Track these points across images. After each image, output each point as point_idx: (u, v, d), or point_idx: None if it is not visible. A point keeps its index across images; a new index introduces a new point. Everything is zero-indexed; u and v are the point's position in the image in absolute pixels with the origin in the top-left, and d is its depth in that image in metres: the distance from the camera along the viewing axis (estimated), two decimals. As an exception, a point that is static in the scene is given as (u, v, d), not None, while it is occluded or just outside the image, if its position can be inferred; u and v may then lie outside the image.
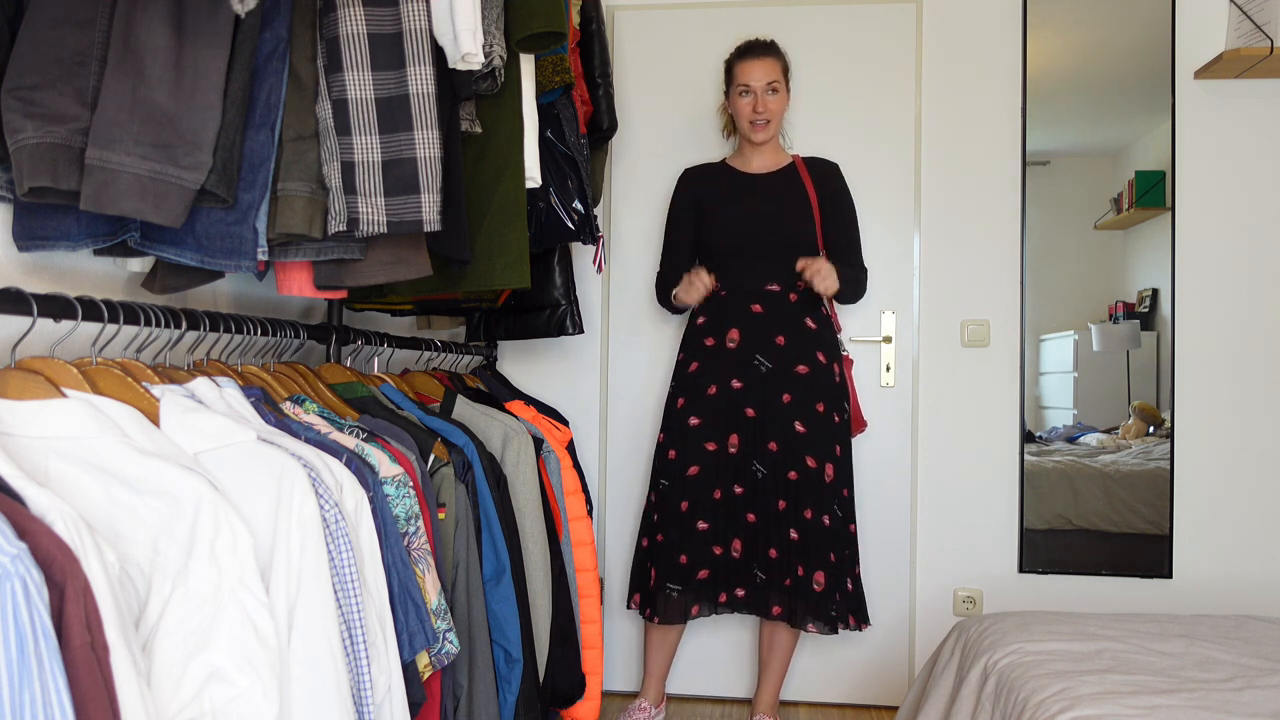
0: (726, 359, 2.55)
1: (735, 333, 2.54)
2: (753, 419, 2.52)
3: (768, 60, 2.58)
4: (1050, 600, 2.87)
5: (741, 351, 2.54)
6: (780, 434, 2.50)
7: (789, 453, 2.50)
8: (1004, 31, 2.93)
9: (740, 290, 2.57)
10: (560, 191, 2.25)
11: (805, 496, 2.49)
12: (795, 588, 2.48)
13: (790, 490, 2.50)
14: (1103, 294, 2.93)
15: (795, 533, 2.48)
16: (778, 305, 2.56)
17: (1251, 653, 1.81)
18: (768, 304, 2.56)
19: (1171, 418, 2.85)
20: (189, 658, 1.01)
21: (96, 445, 1.05)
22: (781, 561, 2.50)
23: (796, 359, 2.53)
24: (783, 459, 2.50)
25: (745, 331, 2.54)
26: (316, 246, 1.49)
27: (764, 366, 2.52)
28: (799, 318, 2.56)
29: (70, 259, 1.51)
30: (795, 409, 2.51)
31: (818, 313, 2.59)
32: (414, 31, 1.47)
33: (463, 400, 2.06)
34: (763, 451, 2.51)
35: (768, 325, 2.54)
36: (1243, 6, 2.75)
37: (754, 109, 2.57)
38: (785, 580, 2.49)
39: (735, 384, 2.53)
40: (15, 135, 1.17)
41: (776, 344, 2.53)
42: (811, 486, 2.49)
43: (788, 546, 2.49)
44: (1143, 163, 2.89)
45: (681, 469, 2.53)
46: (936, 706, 2.00)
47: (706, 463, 2.53)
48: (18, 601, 0.77)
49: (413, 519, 1.47)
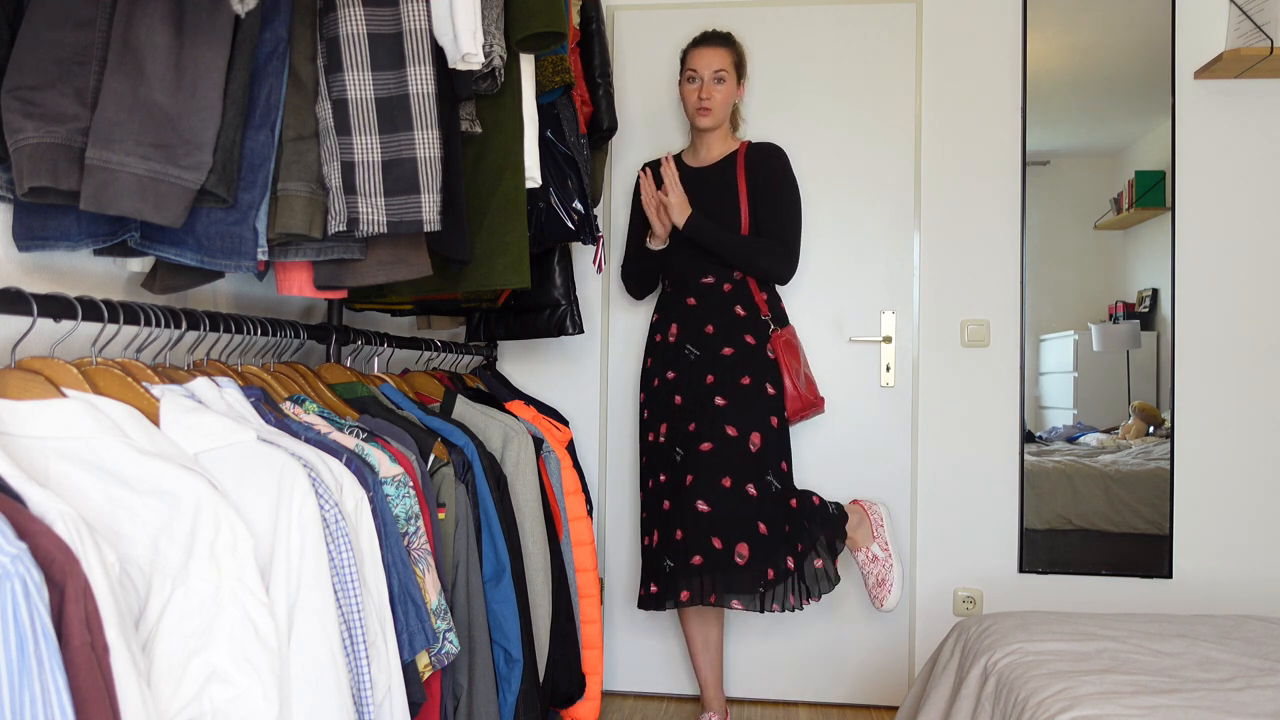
0: (667, 352, 2.61)
1: (675, 327, 2.60)
2: (679, 405, 2.55)
3: (719, 50, 2.59)
4: (1050, 600, 2.87)
5: (677, 344, 2.59)
6: (699, 413, 2.50)
7: (705, 427, 2.47)
8: (1004, 31, 2.93)
9: (681, 284, 2.63)
10: (560, 191, 2.25)
11: (722, 466, 2.44)
12: (711, 562, 2.39)
13: (701, 462, 2.44)
14: (1103, 294, 2.93)
15: (704, 504, 2.41)
16: (711, 296, 2.59)
17: (1251, 653, 1.81)
18: (701, 295, 2.59)
19: (1171, 418, 2.85)
20: (189, 658, 1.01)
21: (96, 445, 1.05)
22: (689, 540, 2.41)
23: (723, 343, 2.55)
24: (697, 435, 2.47)
25: (681, 324, 2.59)
26: (316, 246, 1.49)
27: (692, 355, 2.56)
28: (729, 306, 2.58)
29: (70, 259, 1.51)
30: (717, 386, 2.51)
31: (748, 299, 2.59)
32: (414, 31, 1.47)
33: (463, 400, 2.06)
34: (684, 435, 2.51)
35: (700, 315, 2.58)
36: (1243, 6, 2.75)
37: (699, 95, 2.58)
38: (694, 558, 2.40)
39: (669, 375, 2.59)
40: (15, 135, 1.17)
41: (706, 333, 2.56)
42: (731, 455, 2.44)
43: (695, 520, 2.41)
44: (1143, 163, 2.89)
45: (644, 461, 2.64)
46: (936, 706, 2.00)
47: (648, 454, 2.61)
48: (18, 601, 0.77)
49: (413, 519, 1.47)
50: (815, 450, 2.93)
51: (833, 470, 2.94)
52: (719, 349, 2.54)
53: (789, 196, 2.65)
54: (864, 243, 2.97)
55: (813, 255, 2.90)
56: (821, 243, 2.95)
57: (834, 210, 2.96)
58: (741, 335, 2.56)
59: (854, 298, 2.96)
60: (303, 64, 1.44)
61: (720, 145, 2.69)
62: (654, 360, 2.66)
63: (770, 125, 2.97)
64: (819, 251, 2.94)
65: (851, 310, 2.96)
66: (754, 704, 2.94)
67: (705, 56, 2.58)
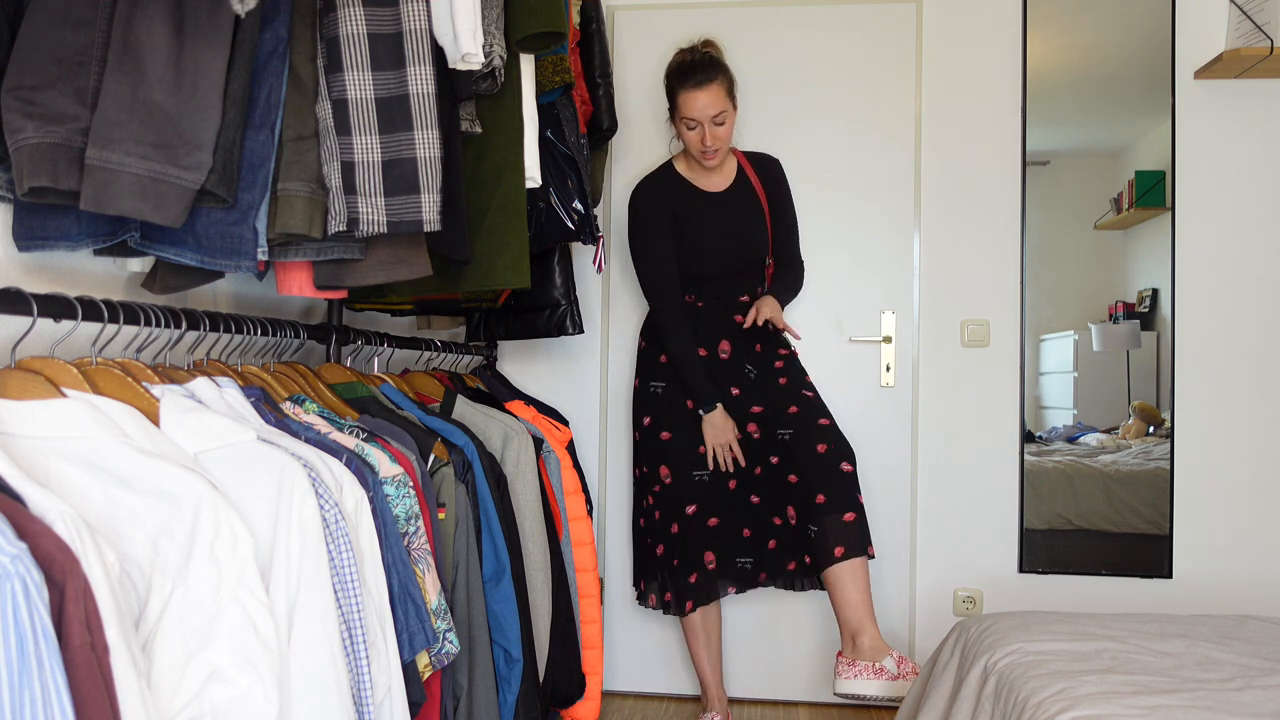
0: (721, 368, 2.60)
1: (727, 344, 2.61)
2: (760, 414, 2.59)
3: (710, 88, 2.44)
4: (1050, 600, 2.87)
5: (732, 362, 2.61)
6: (796, 401, 2.56)
7: (811, 410, 2.54)
8: (1004, 31, 2.93)
9: (718, 304, 2.62)
10: (560, 191, 2.25)
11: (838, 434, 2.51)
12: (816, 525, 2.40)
13: (827, 435, 2.49)
14: (1103, 294, 2.93)
15: (848, 465, 2.46)
16: None
17: (1251, 653, 1.81)
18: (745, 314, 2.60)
19: (1171, 418, 2.85)
20: (189, 658, 1.01)
21: (96, 445, 1.05)
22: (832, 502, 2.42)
23: (772, 357, 2.64)
24: (808, 416, 2.53)
25: (734, 342, 2.62)
26: (316, 246, 1.49)
27: (752, 373, 2.62)
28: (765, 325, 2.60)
29: (70, 259, 1.51)
30: (796, 384, 2.60)
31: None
32: (414, 31, 1.47)
33: (463, 400, 2.06)
34: (767, 432, 2.58)
35: (749, 336, 2.62)
36: (1243, 6, 2.75)
37: (702, 141, 2.50)
38: (845, 515, 2.41)
39: (734, 391, 2.60)
40: (15, 135, 1.17)
41: (755, 351, 2.63)
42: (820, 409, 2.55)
43: (838, 481, 2.44)
44: (1143, 163, 2.89)
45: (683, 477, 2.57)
46: (936, 706, 2.00)
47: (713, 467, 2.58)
48: (18, 601, 0.77)
49: (413, 519, 1.47)
50: (815, 450, 2.93)
51: (833, 470, 2.94)
52: (771, 362, 2.64)
53: (794, 209, 2.74)
54: (864, 243, 2.97)
55: (813, 255, 2.90)
56: (822, 243, 2.95)
57: (834, 210, 2.96)
58: (777, 349, 2.65)
59: (854, 298, 2.96)
60: (303, 64, 1.44)
61: (727, 164, 2.67)
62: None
63: (770, 125, 2.97)
64: (819, 252, 2.94)
65: (851, 310, 2.95)
66: (754, 704, 2.94)
67: (699, 101, 2.44)
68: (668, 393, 2.60)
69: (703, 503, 2.56)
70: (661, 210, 2.60)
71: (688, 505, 2.55)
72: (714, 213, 2.62)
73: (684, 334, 2.56)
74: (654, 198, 2.62)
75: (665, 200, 2.61)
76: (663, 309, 2.59)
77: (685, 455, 2.57)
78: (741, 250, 2.62)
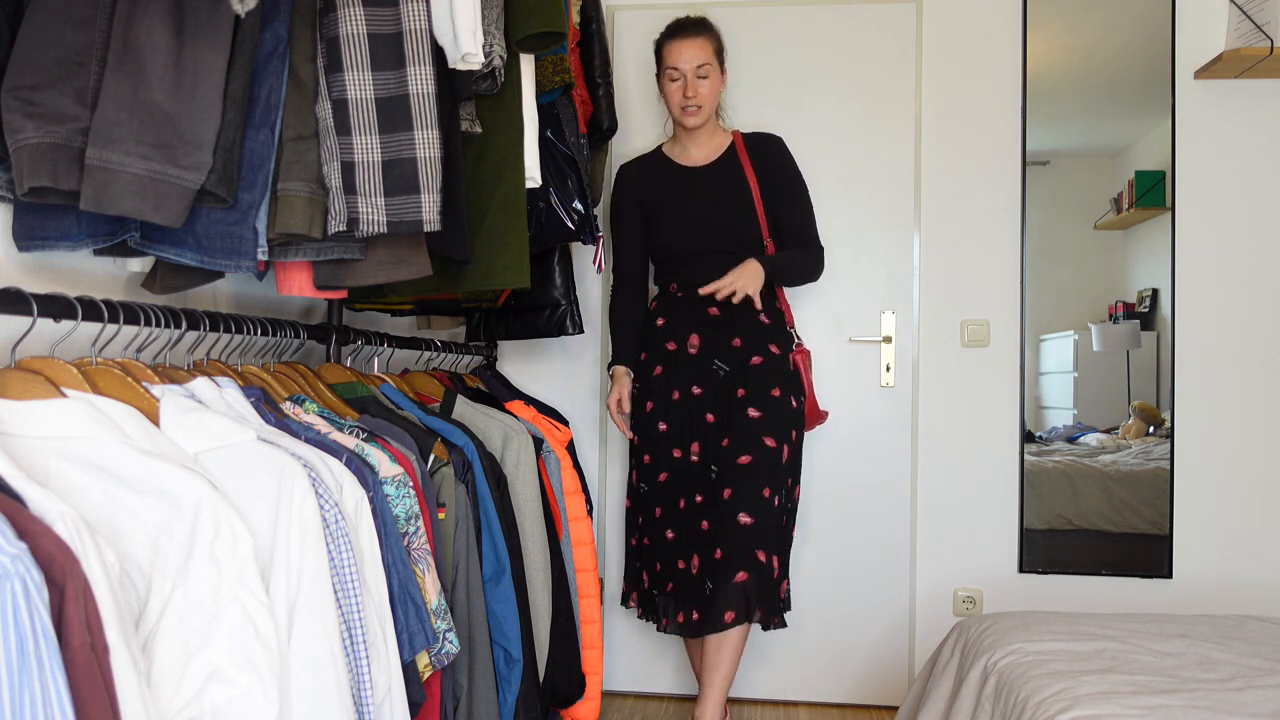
0: (688, 364, 2.47)
1: (695, 338, 2.47)
2: (712, 424, 2.44)
3: (698, 40, 2.41)
4: (1050, 600, 2.87)
5: (702, 357, 2.46)
6: (734, 428, 2.39)
7: (742, 439, 2.36)
8: (1004, 31, 2.93)
9: (694, 293, 2.48)
10: (560, 191, 2.25)
11: (760, 476, 2.32)
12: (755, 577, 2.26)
13: (740, 474, 2.33)
14: (1103, 294, 2.93)
15: (747, 516, 2.29)
16: (736, 306, 2.44)
17: (1251, 653, 1.81)
18: (726, 305, 2.45)
19: (1171, 418, 2.85)
20: (189, 658, 1.01)
21: (96, 445, 1.05)
22: (731, 557, 2.27)
23: (750, 353, 2.44)
24: (734, 450, 2.36)
25: (704, 337, 2.46)
26: (316, 246, 1.49)
27: (722, 370, 2.45)
28: (753, 315, 2.46)
29: (70, 259, 1.51)
30: (749, 399, 2.40)
31: (772, 307, 2.50)
32: (414, 31, 1.47)
33: (463, 400, 2.06)
34: (717, 452, 2.41)
35: (726, 328, 2.46)
36: (1243, 6, 2.75)
37: (684, 94, 2.43)
38: (738, 575, 2.25)
39: (696, 390, 2.46)
40: (15, 135, 1.17)
41: (733, 346, 2.45)
42: (766, 466, 2.33)
43: (738, 534, 2.28)
44: (1143, 163, 2.89)
45: (654, 474, 2.48)
46: (936, 706, 2.00)
47: (672, 469, 2.46)
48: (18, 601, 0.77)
49: (413, 519, 1.47)
50: (815, 451, 2.93)
51: (833, 470, 2.94)
52: (747, 359, 2.44)
53: (804, 189, 2.58)
54: (864, 242, 2.97)
55: (813, 255, 2.90)
56: (821, 242, 2.95)
57: (834, 210, 2.96)
58: (767, 344, 2.45)
59: (854, 298, 2.96)
60: (303, 64, 1.44)
61: (712, 140, 2.56)
62: (666, 369, 2.50)
63: (769, 125, 2.96)
64: (819, 251, 2.94)
65: (851, 310, 2.95)
66: (754, 704, 2.94)
67: (685, 51, 2.40)
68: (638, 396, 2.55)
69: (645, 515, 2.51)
70: (632, 191, 2.59)
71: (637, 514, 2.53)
72: (688, 189, 2.52)
73: (624, 303, 2.59)
74: (626, 180, 2.61)
75: (637, 180, 2.59)
76: (614, 286, 2.63)
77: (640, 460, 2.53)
78: (714, 227, 2.48)
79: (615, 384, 2.56)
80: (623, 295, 2.62)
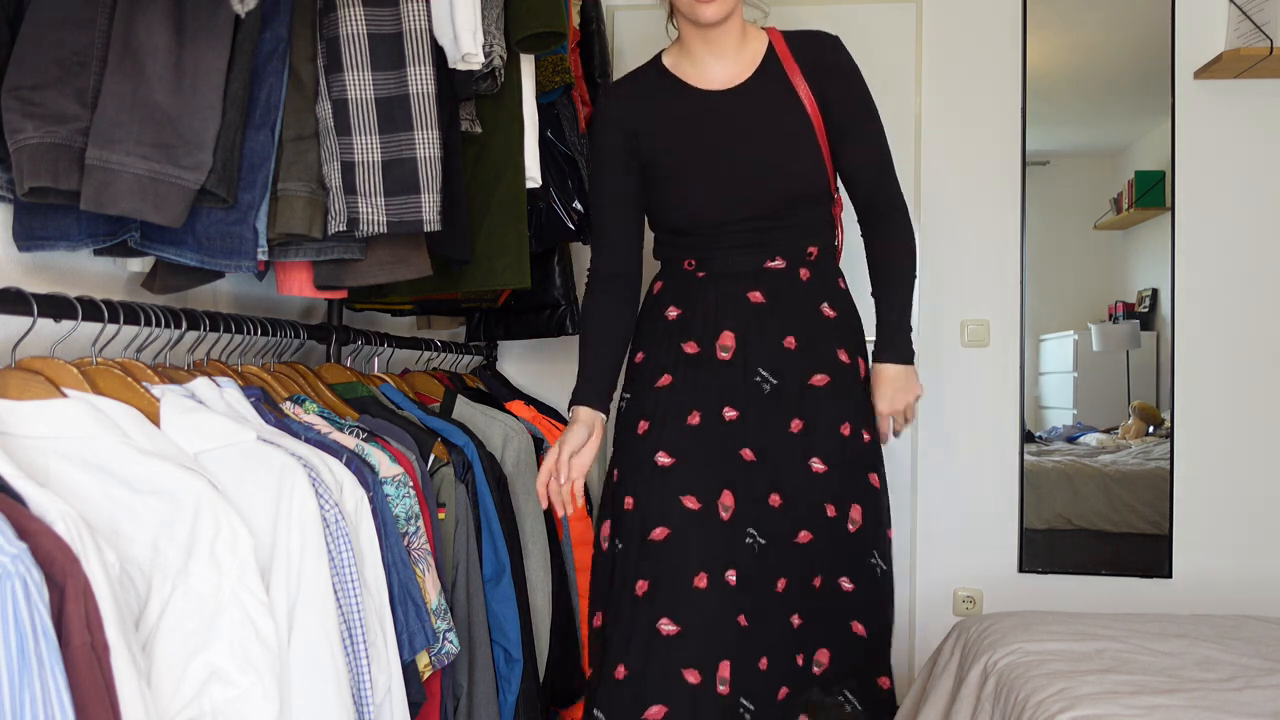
0: (717, 374, 1.64)
1: (729, 336, 1.63)
2: (751, 465, 1.62)
3: None
4: (1050, 600, 2.87)
5: (738, 365, 1.63)
6: (787, 480, 1.63)
7: (801, 505, 1.63)
8: (1004, 31, 2.93)
9: (727, 273, 1.66)
10: (560, 191, 2.25)
11: (816, 561, 1.64)
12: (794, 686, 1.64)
13: (795, 561, 1.63)
14: (1103, 294, 2.93)
15: (798, 618, 1.64)
16: (783, 289, 1.66)
17: (1251, 653, 1.81)
18: (770, 289, 1.65)
19: (1171, 418, 2.85)
20: (189, 658, 1.01)
21: (97, 445, 1.05)
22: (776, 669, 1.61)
23: (812, 366, 1.65)
24: (788, 517, 1.63)
25: (742, 335, 1.63)
26: (316, 246, 1.49)
27: (767, 385, 1.63)
28: (813, 304, 1.68)
29: (70, 259, 1.51)
30: (810, 438, 1.64)
31: (836, 287, 1.73)
32: (414, 31, 1.47)
33: (463, 400, 2.06)
34: (762, 511, 1.62)
35: (772, 322, 1.64)
36: (1243, 6, 2.75)
37: None
38: (780, 692, 1.62)
39: (729, 413, 1.63)
40: (15, 135, 1.17)
41: (785, 348, 1.64)
42: (826, 545, 1.64)
43: (789, 640, 1.63)
44: (1143, 163, 2.89)
45: (643, 528, 1.59)
46: (936, 706, 2.00)
47: (681, 527, 1.57)
48: (18, 601, 0.78)
49: (413, 519, 1.48)
50: (815, 450, 2.93)
51: (833, 470, 2.94)
52: (806, 375, 1.65)
53: (876, 118, 1.74)
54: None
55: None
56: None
57: (834, 210, 2.96)
58: (834, 349, 1.68)
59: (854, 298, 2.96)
60: (303, 64, 1.44)
61: (739, 47, 1.67)
62: (678, 379, 1.66)
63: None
64: (819, 251, 2.94)
65: (851, 310, 2.95)
66: (754, 704, 2.94)
67: None
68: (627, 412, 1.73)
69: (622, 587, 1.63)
70: (619, 127, 1.69)
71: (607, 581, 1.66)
72: (710, 121, 1.65)
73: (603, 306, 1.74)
74: (615, 106, 1.70)
75: (630, 111, 1.69)
76: (590, 273, 1.77)
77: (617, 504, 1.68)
78: (755, 177, 1.63)
79: (567, 431, 1.66)
80: (603, 295, 1.75)
